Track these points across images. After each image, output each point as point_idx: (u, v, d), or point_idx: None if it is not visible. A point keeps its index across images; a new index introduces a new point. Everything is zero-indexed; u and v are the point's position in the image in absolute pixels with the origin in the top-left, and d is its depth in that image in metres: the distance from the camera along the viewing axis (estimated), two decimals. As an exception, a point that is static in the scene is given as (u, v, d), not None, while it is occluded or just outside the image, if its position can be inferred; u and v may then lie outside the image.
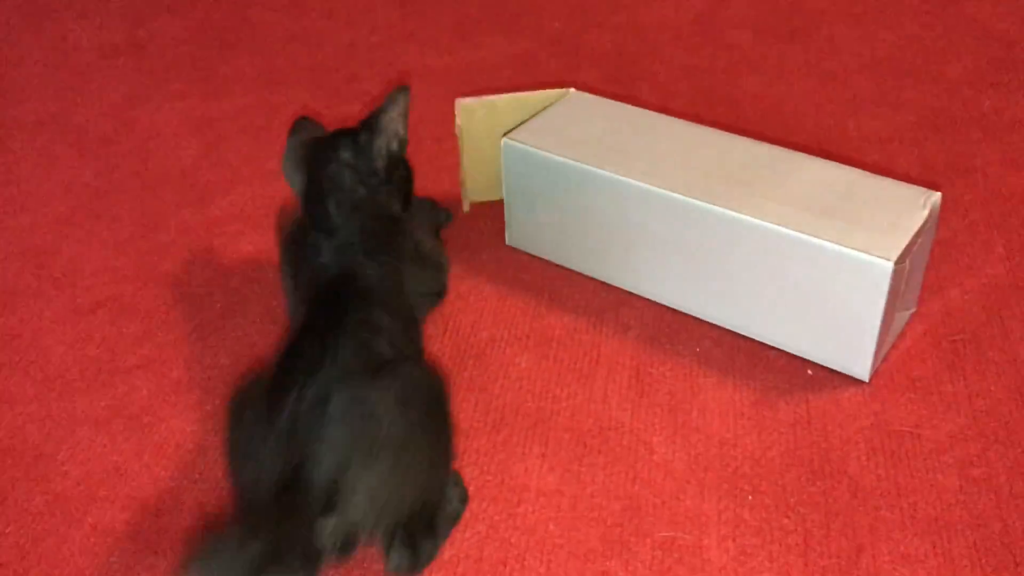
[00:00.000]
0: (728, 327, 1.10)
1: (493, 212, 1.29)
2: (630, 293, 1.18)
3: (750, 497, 0.92)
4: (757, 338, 1.08)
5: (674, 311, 1.14)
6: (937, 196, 1.02)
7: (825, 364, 1.04)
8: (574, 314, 1.15)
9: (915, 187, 1.04)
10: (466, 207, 1.32)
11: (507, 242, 1.27)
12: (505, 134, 1.19)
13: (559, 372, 1.07)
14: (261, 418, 0.82)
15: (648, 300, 1.16)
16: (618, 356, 1.09)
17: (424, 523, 0.85)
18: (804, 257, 0.98)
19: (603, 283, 1.20)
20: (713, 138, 1.15)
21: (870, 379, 1.02)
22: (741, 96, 1.58)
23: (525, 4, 1.90)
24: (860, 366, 1.01)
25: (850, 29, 1.75)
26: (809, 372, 1.05)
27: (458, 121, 1.24)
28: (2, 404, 1.07)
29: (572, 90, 1.26)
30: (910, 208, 1.01)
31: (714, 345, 1.09)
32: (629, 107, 1.22)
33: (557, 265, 1.23)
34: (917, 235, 0.98)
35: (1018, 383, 1.02)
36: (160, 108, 1.63)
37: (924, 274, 1.09)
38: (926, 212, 1.00)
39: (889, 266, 0.93)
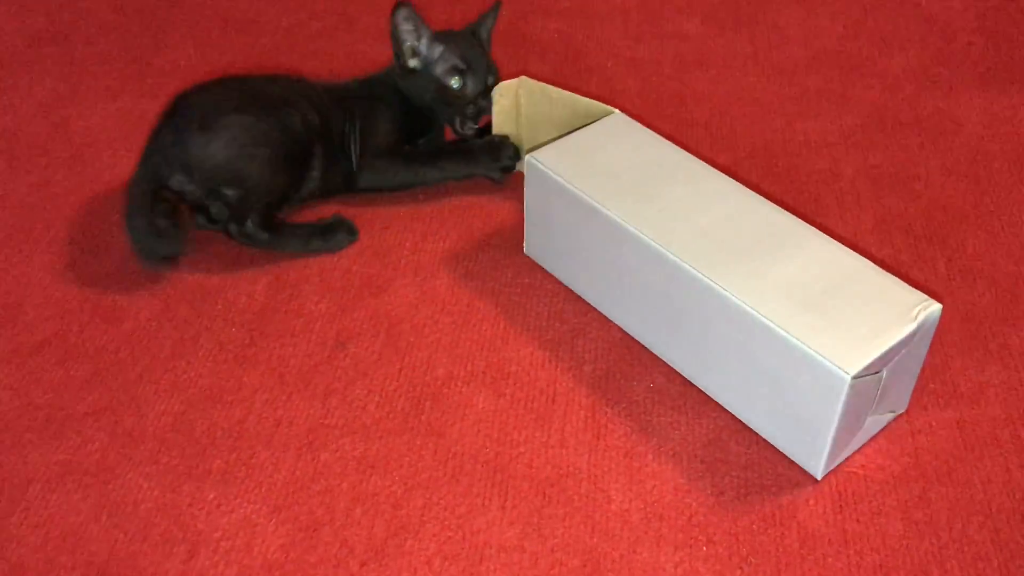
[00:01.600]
0: (701, 388, 1.10)
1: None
2: (583, 322, 1.19)
3: (704, 548, 0.95)
4: (721, 403, 1.08)
5: (627, 343, 1.16)
6: (935, 308, 0.97)
7: (781, 451, 1.03)
8: (530, 347, 1.16)
9: (915, 293, 0.99)
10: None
11: (525, 251, 1.28)
12: (531, 150, 1.19)
13: (516, 413, 1.08)
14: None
15: (600, 331, 1.17)
16: (573, 394, 1.10)
17: (239, 207, 1.24)
18: (772, 346, 0.97)
19: (557, 312, 1.20)
20: (732, 195, 1.12)
21: (822, 477, 1.00)
22: (688, 94, 1.57)
23: (469, -15, 1.85)
24: (812, 465, 1.00)
25: (796, 15, 1.75)
26: (759, 409, 1.07)
27: (515, 99, 1.34)
28: (-50, 460, 1.05)
29: (617, 112, 1.25)
30: (900, 317, 0.96)
31: (667, 381, 1.11)
32: (663, 142, 1.20)
33: (513, 290, 1.23)
34: (898, 347, 0.94)
35: (957, 417, 1.06)
36: (94, 108, 1.57)
37: (916, 379, 1.05)
38: (914, 325, 0.95)
39: (846, 379, 0.91)
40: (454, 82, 1.33)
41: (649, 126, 1.44)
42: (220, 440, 1.06)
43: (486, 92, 1.33)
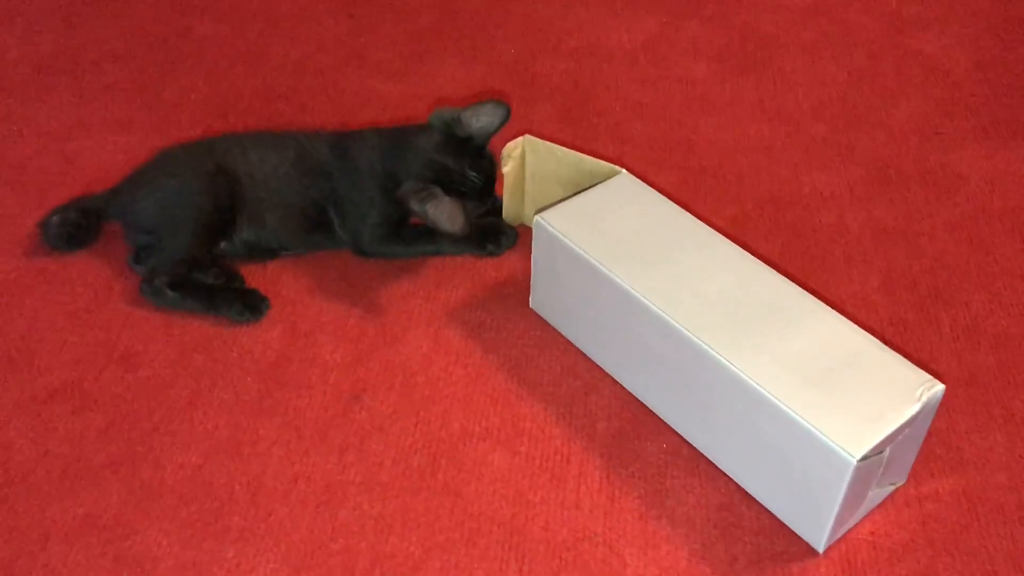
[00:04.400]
0: (705, 455, 1.11)
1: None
2: (596, 377, 1.20)
3: (718, 616, 0.97)
4: (725, 471, 1.09)
5: (639, 401, 1.17)
6: (938, 389, 0.98)
7: (783, 522, 1.04)
8: (543, 402, 1.17)
9: (920, 372, 1.00)
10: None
11: (530, 306, 1.29)
12: (539, 211, 1.20)
13: (531, 472, 1.10)
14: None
15: (613, 387, 1.19)
16: (588, 453, 1.12)
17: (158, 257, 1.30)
18: (776, 423, 0.98)
19: (570, 366, 1.22)
20: (739, 264, 1.13)
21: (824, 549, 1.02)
22: (696, 140, 1.59)
23: (478, 18, 1.87)
24: (815, 539, 1.02)
25: (801, 61, 1.77)
26: (770, 472, 1.09)
27: (521, 159, 1.33)
28: (-33, 511, 1.06)
29: (623, 172, 1.26)
30: (904, 397, 0.97)
31: (680, 442, 1.13)
32: (670, 205, 1.21)
33: (525, 342, 1.25)
34: (903, 427, 0.96)
35: (963, 484, 1.09)
36: (104, 142, 1.57)
37: (917, 452, 1.06)
38: (918, 406, 0.96)
39: (852, 462, 0.93)
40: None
41: (658, 173, 1.46)
42: (238, 495, 1.07)
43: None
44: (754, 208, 1.46)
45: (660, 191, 1.24)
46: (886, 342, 1.05)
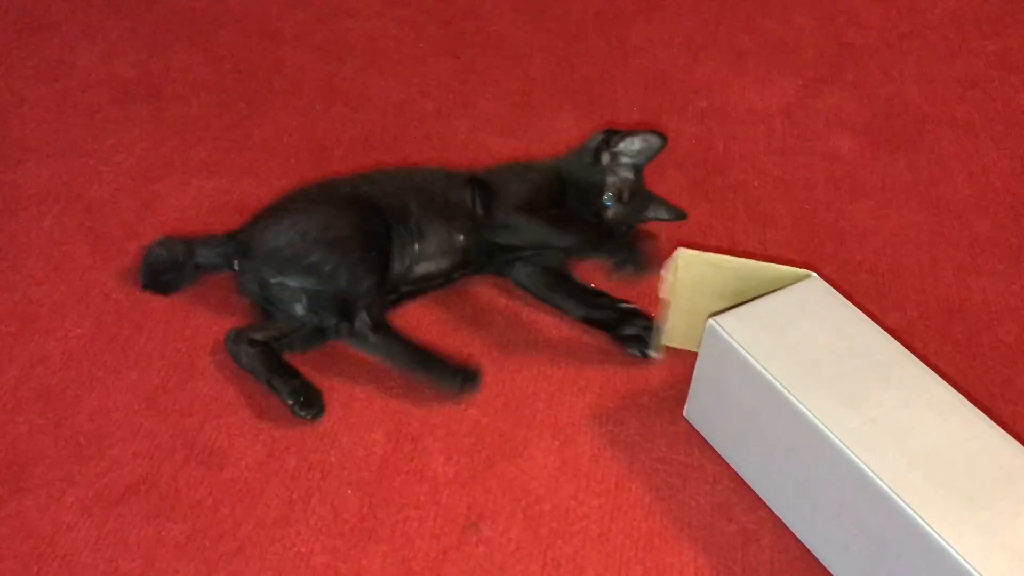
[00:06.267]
0: None
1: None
2: (755, 520, 1.03)
3: None
4: None
5: (807, 556, 1.00)
6: None
7: None
8: (694, 549, 1.00)
9: None
10: (659, 353, 1.19)
11: (685, 415, 1.12)
12: (714, 314, 1.03)
13: (684, 642, 0.92)
14: None
15: (775, 534, 1.01)
16: (750, 622, 0.94)
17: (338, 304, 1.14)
18: None
19: (722, 503, 1.04)
20: (954, 413, 0.94)
21: None
22: (847, 228, 1.41)
23: (595, 69, 1.70)
24: None
25: (957, 140, 1.58)
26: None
27: (674, 273, 1.13)
28: (21, 641, 0.90)
29: (813, 276, 1.08)
30: None
31: (860, 614, 0.95)
32: (869, 325, 1.03)
33: (669, 468, 1.07)
34: None
35: None
36: (186, 185, 1.42)
37: None
38: None
39: None
40: (607, 199, 1.29)
41: (806, 264, 1.28)
42: (338, 646, 0.91)
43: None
44: (919, 318, 1.28)
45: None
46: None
